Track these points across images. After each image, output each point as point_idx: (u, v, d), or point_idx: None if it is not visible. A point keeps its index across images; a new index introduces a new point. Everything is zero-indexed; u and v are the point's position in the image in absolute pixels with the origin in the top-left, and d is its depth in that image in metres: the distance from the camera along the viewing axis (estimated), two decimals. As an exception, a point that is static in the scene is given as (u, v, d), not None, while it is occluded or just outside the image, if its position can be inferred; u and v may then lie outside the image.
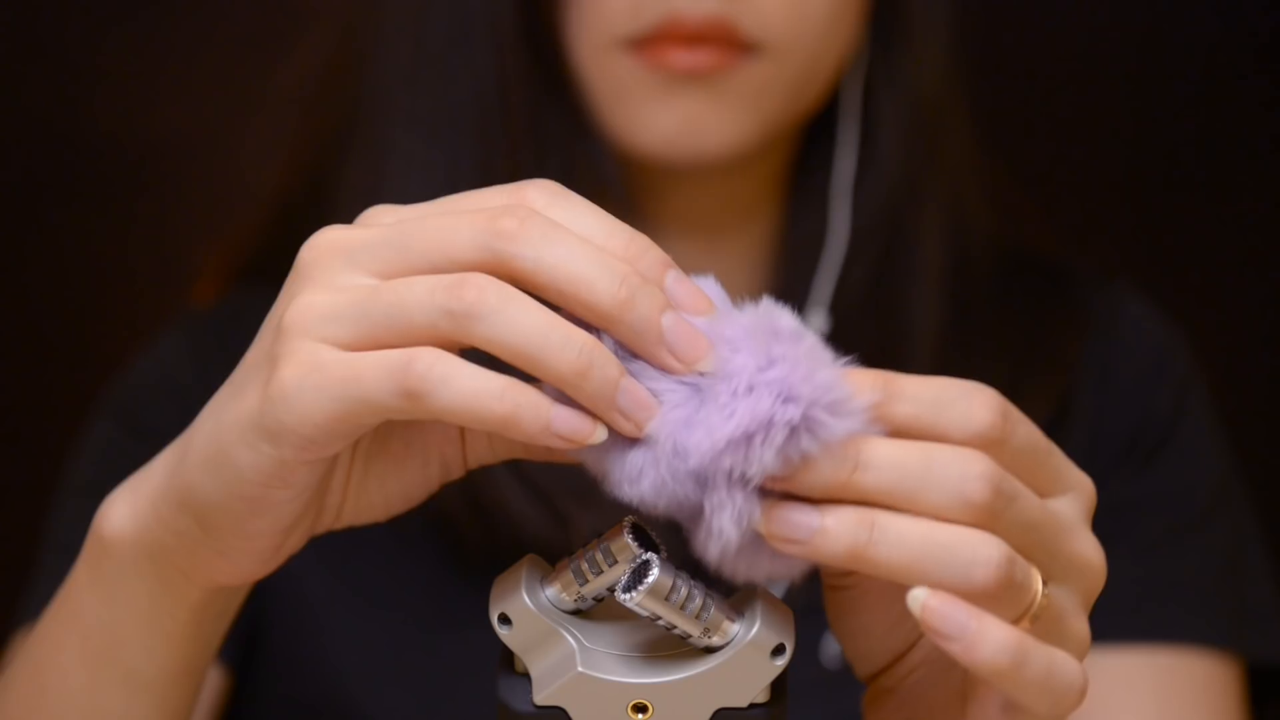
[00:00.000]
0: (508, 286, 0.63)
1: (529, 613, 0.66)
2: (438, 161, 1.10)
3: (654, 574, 0.64)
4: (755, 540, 0.63)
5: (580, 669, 0.66)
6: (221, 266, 1.19)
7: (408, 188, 1.10)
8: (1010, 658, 0.62)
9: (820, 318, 1.13)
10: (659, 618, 0.65)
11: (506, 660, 0.68)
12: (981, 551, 0.63)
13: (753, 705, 0.66)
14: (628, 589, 0.65)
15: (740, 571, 0.64)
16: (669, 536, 0.66)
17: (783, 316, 0.64)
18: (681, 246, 1.15)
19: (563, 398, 0.64)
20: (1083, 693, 0.65)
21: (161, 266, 1.46)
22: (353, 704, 1.08)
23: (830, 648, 1.08)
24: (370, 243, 0.66)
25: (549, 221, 0.64)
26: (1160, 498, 1.14)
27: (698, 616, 0.65)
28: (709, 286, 0.67)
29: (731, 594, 0.67)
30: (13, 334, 1.55)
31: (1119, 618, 1.09)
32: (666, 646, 0.67)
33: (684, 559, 0.65)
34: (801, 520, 0.62)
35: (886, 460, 0.63)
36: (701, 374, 0.63)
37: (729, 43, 1.06)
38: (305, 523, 0.71)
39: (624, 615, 0.67)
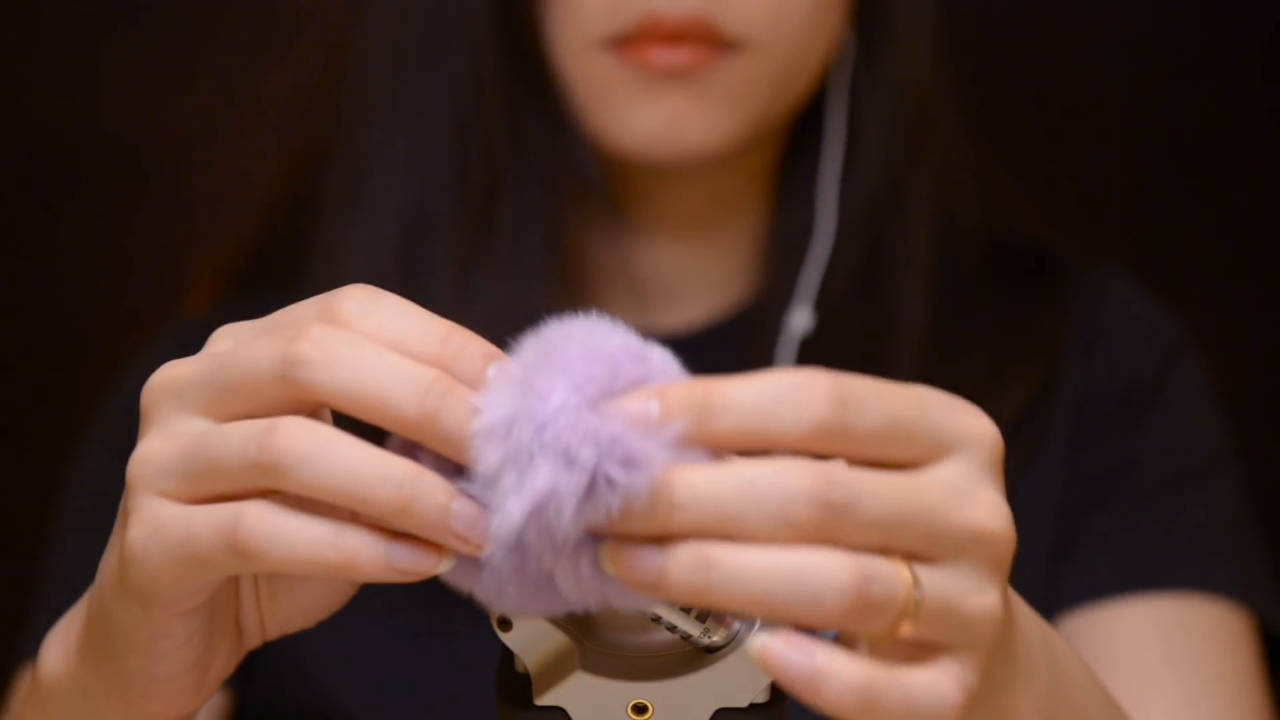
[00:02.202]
0: (320, 428, 0.62)
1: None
2: (418, 165, 1.10)
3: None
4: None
5: (580, 669, 0.66)
6: (214, 274, 1.19)
7: (387, 192, 1.10)
8: (859, 698, 0.59)
9: (806, 314, 1.13)
10: (659, 618, 0.65)
11: (506, 661, 0.68)
12: (828, 578, 0.59)
13: (753, 705, 0.66)
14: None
15: (614, 601, 0.61)
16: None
17: (570, 345, 0.60)
18: (666, 245, 1.15)
19: None
20: (959, 710, 0.61)
21: (161, 267, 1.46)
22: (343, 711, 1.08)
23: (824, 646, 1.08)
24: (194, 379, 0.65)
25: (346, 339, 0.62)
26: (1149, 455, 1.13)
27: (698, 617, 0.65)
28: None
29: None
30: (13, 333, 1.55)
31: (1119, 571, 1.08)
32: (666, 647, 0.67)
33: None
34: (643, 564, 0.59)
35: (700, 495, 0.59)
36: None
37: (710, 41, 1.06)
38: (222, 652, 0.71)
39: (624, 616, 0.67)
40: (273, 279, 1.15)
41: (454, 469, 0.62)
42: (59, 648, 0.73)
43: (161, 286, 1.36)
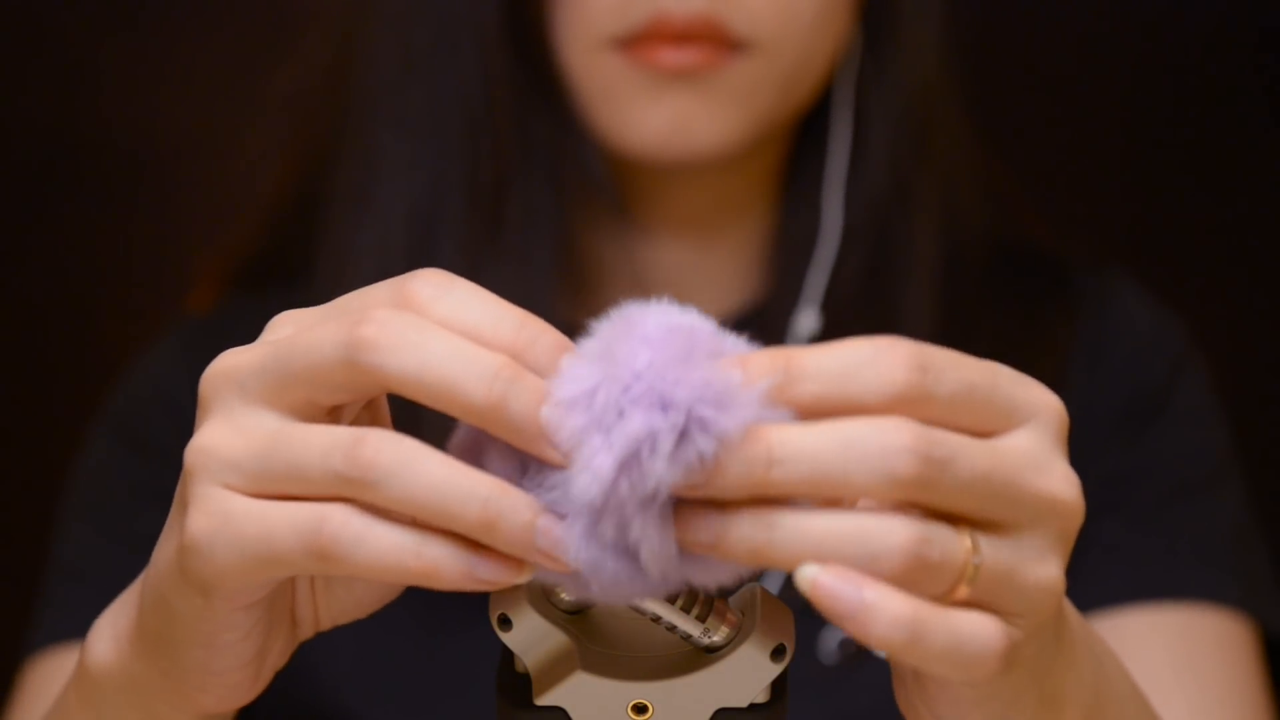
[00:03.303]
0: (406, 442, 0.61)
1: (529, 614, 0.66)
2: (425, 165, 1.10)
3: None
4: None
5: (580, 669, 0.66)
6: (218, 273, 1.19)
7: (395, 192, 1.10)
8: (906, 633, 0.59)
9: (813, 315, 1.13)
10: (659, 618, 0.65)
11: (506, 661, 0.68)
12: (887, 539, 0.59)
13: (753, 706, 0.66)
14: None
15: (695, 579, 0.61)
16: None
17: (648, 319, 0.60)
18: (673, 245, 1.15)
19: None
20: (1002, 658, 0.61)
21: (162, 267, 1.46)
22: (346, 709, 1.08)
23: (828, 644, 1.08)
24: (256, 368, 0.64)
25: (413, 323, 0.61)
26: (1157, 465, 1.13)
27: (698, 617, 0.65)
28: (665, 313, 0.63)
29: (731, 594, 0.67)
30: (13, 333, 1.55)
31: (1125, 581, 1.08)
32: (667, 647, 0.67)
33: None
34: (703, 524, 0.59)
35: (800, 451, 0.59)
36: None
37: (718, 41, 1.06)
38: (278, 644, 0.70)
39: (624, 615, 0.67)
40: (277, 277, 1.15)
41: (521, 466, 0.61)
42: (108, 635, 0.72)
43: (163, 285, 1.37)
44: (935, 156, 1.15)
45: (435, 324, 0.62)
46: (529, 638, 0.66)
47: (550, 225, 1.10)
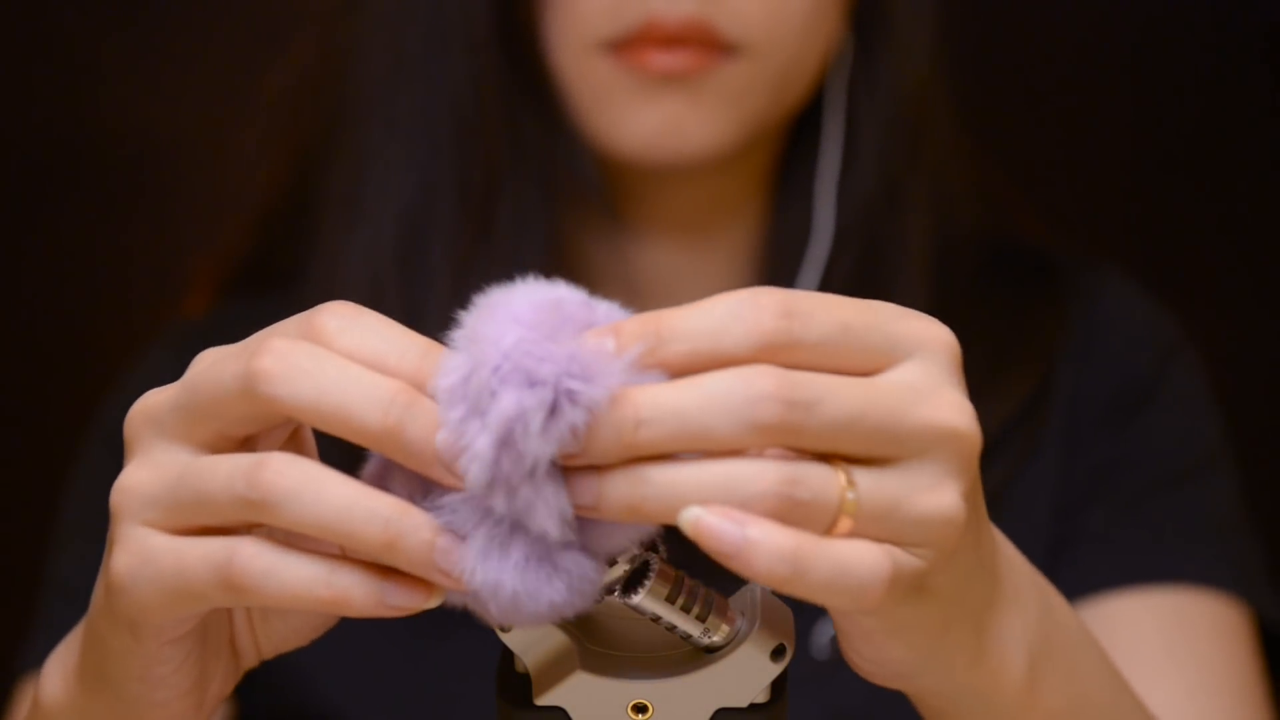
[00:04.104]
0: (306, 464, 0.62)
1: (529, 614, 0.66)
2: (416, 167, 1.10)
3: (653, 574, 0.65)
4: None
5: (580, 669, 0.66)
6: (212, 277, 1.19)
7: (385, 194, 1.10)
8: (788, 566, 0.59)
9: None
10: (659, 618, 0.65)
11: (506, 661, 0.68)
12: (754, 484, 0.59)
13: (753, 706, 0.66)
14: (628, 590, 0.65)
15: (592, 545, 0.62)
16: (669, 537, 0.66)
17: (515, 298, 0.61)
18: (664, 247, 1.15)
19: None
20: (886, 583, 0.61)
21: (160, 267, 1.46)
22: (344, 714, 1.08)
23: (820, 639, 1.09)
24: (170, 405, 0.65)
25: (308, 352, 0.62)
26: (1146, 452, 1.13)
27: (698, 617, 0.65)
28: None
29: (731, 594, 0.68)
30: (13, 333, 1.55)
31: (1115, 567, 1.09)
32: (666, 647, 0.67)
33: (683, 559, 0.66)
34: (584, 488, 0.60)
35: (665, 409, 0.59)
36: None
37: (708, 44, 1.06)
38: (218, 674, 0.71)
39: (624, 615, 0.67)
40: (270, 281, 1.15)
41: (423, 489, 0.62)
42: (58, 672, 0.73)
43: (161, 287, 1.37)
44: (926, 157, 1.15)
45: (336, 353, 0.63)
46: (529, 638, 0.67)
47: (541, 227, 1.10)
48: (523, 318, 0.61)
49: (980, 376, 1.12)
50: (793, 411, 0.60)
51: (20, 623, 1.12)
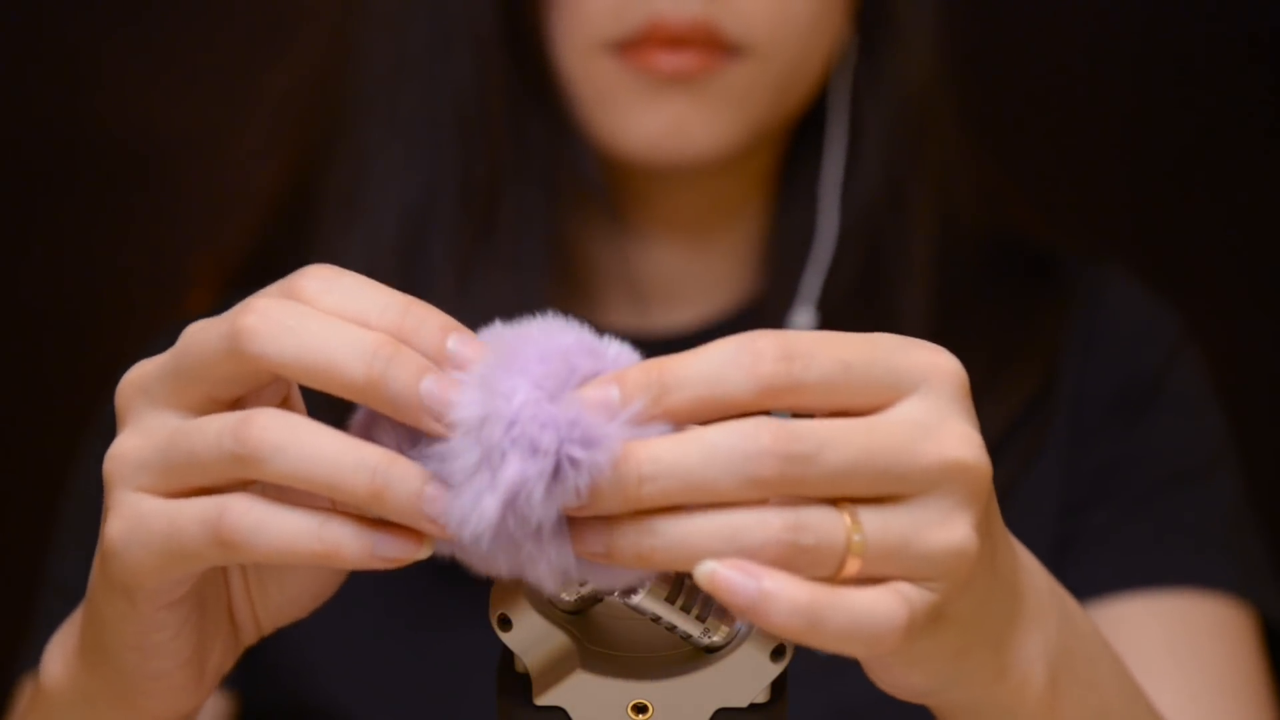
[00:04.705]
0: (292, 418, 0.62)
1: (529, 614, 0.66)
2: (418, 166, 1.10)
3: (654, 574, 0.64)
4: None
5: (580, 669, 0.66)
6: (213, 274, 1.19)
7: (387, 193, 1.10)
8: (804, 620, 0.60)
9: (808, 315, 1.13)
10: (659, 618, 0.65)
11: (506, 661, 0.68)
12: (759, 533, 0.60)
13: (753, 705, 0.66)
14: (627, 590, 0.64)
15: (598, 584, 0.63)
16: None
17: (526, 348, 0.62)
18: (667, 248, 1.15)
19: None
20: (903, 629, 0.61)
21: (161, 267, 1.46)
22: (344, 711, 1.08)
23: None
24: (158, 373, 0.66)
25: (291, 309, 0.63)
26: (1150, 452, 1.13)
27: (698, 617, 0.65)
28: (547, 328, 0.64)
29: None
30: (13, 333, 1.55)
31: (1120, 568, 1.08)
32: (666, 647, 0.67)
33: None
34: (594, 537, 0.61)
35: (667, 466, 0.60)
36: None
37: (713, 45, 1.06)
38: (217, 646, 0.71)
39: (624, 616, 0.67)
40: (272, 279, 1.15)
41: (410, 440, 0.63)
42: (59, 654, 0.74)
43: (161, 286, 1.37)
44: (930, 157, 1.15)
45: (318, 311, 0.63)
46: (529, 637, 0.67)
47: (543, 228, 1.10)
48: (531, 371, 0.61)
49: (984, 375, 1.13)
50: (791, 465, 0.60)
51: (20, 623, 1.12)
